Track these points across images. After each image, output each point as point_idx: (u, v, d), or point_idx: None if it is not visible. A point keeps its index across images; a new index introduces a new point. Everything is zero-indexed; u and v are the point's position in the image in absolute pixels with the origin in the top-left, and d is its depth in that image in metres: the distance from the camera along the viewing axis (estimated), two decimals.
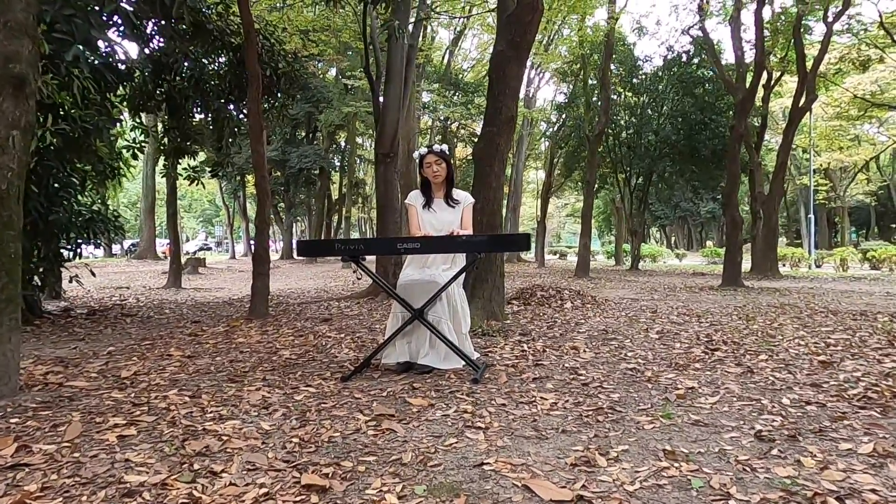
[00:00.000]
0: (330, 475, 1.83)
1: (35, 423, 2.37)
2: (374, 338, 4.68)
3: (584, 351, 3.97)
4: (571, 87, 19.34)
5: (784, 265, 19.54)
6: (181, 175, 10.01)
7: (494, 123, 5.75)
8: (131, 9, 5.36)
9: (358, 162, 31.92)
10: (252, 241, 43.42)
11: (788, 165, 33.26)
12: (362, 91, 19.95)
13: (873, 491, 1.68)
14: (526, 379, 3.14)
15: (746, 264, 15.76)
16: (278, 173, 27.78)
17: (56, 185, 5.82)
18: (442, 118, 24.17)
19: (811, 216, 22.24)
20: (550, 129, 22.74)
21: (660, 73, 17.60)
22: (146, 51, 7.41)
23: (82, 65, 4.18)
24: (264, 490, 1.73)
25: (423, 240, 3.25)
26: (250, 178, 28.72)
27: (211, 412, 2.53)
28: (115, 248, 33.46)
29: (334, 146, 31.41)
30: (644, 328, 5.08)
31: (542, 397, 2.74)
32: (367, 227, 54.11)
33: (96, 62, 4.91)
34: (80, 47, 4.15)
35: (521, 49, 5.76)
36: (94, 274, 7.67)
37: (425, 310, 3.31)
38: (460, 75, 27.50)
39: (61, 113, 5.31)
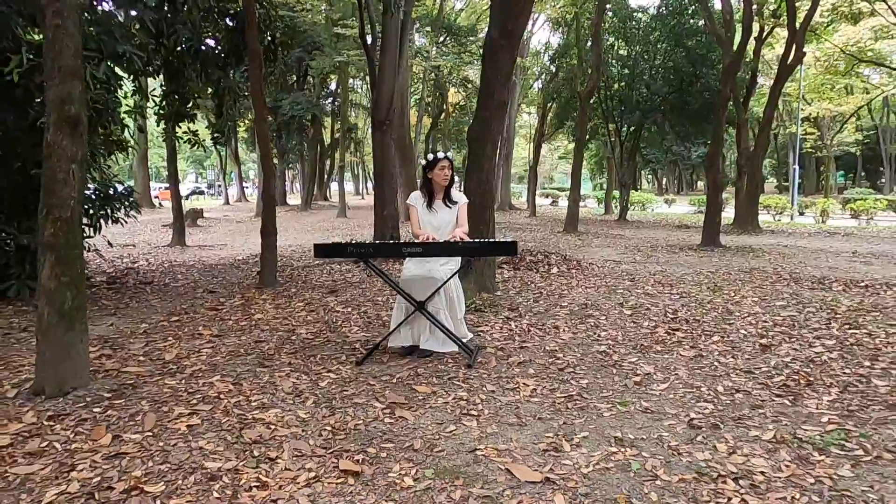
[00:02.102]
0: (360, 461, 2.42)
1: (114, 412, 2.93)
2: (377, 313, 5.25)
3: (564, 330, 4.56)
4: (565, 36, 19.24)
5: (767, 213, 20.18)
6: (181, 139, 10.29)
7: (488, 108, 6.12)
8: None
9: (350, 107, 31.69)
10: (244, 185, 42.89)
11: (780, 112, 33.42)
12: (354, 39, 19.77)
13: (762, 473, 2.28)
14: (512, 363, 3.73)
15: (731, 212, 16.38)
16: (270, 118, 27.67)
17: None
18: (434, 66, 23.92)
19: (795, 167, 22.72)
20: (544, 76, 22.64)
21: (653, 24, 17.57)
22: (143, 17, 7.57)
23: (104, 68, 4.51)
24: (312, 474, 2.32)
25: (424, 245, 3.76)
26: (241, 123, 28.68)
27: (254, 400, 3.10)
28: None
29: (325, 91, 31.10)
30: (619, 302, 5.67)
31: (523, 383, 3.34)
32: (360, 171, 54.12)
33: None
34: (109, 63, 4.47)
35: (513, 37, 6.05)
36: (111, 245, 8.13)
37: (426, 303, 3.85)
38: (454, 18, 27.05)
39: None
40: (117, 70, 5.40)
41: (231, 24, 8.09)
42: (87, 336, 3.32)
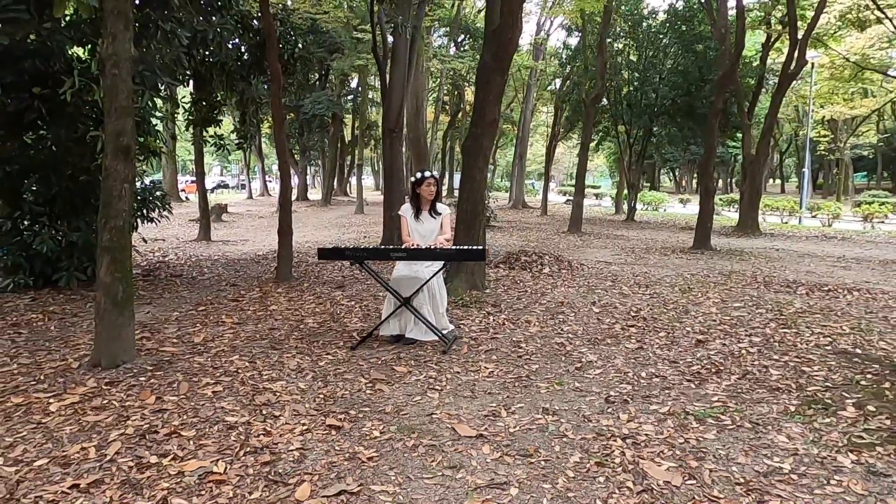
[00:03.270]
0: (342, 419, 3.16)
1: (156, 380, 3.73)
2: (377, 307, 6.00)
3: (534, 325, 5.27)
4: (578, 40, 19.76)
5: (777, 215, 20.52)
6: (208, 142, 11.18)
7: (479, 125, 6.83)
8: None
9: (370, 106, 32.51)
10: (267, 180, 43.99)
11: (798, 114, 33.35)
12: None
13: (646, 435, 2.98)
14: (480, 351, 4.46)
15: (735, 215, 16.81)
16: (292, 115, 28.61)
17: None
18: (449, 69, 24.57)
19: (805, 170, 22.95)
20: (559, 77, 23.15)
21: (663, 30, 18.01)
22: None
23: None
24: (305, 427, 3.07)
25: (409, 250, 4.50)
26: (266, 121, 29.68)
27: (265, 375, 3.87)
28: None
29: (346, 89, 31.95)
30: (593, 301, 6.35)
31: (485, 367, 4.06)
32: (380, 166, 55.03)
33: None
34: (151, 93, 5.29)
35: (503, 61, 6.74)
36: (145, 241, 9.02)
37: (412, 299, 4.59)
38: (471, 19, 27.64)
39: None
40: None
41: (254, 39, 8.88)
42: (133, 321, 4.13)
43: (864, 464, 2.63)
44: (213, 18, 6.67)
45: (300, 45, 9.35)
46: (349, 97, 31.72)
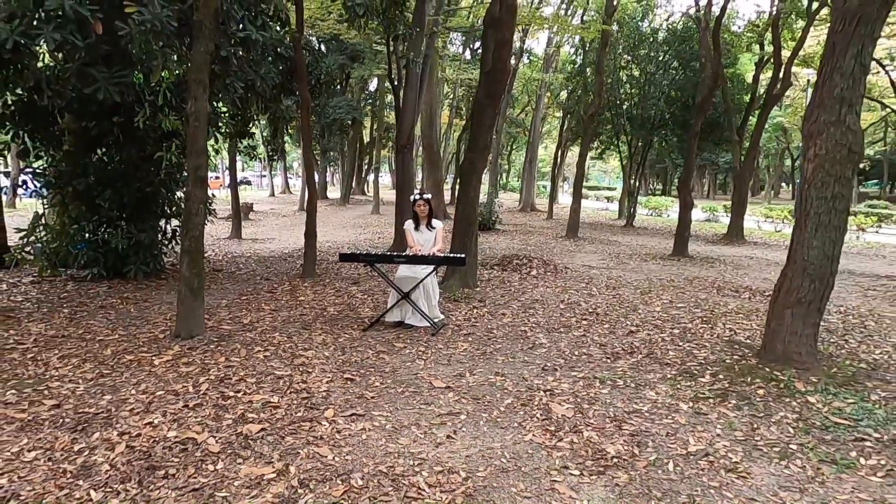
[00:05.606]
0: (354, 375, 4.58)
1: (221, 347, 5.18)
2: (385, 299, 7.40)
3: (507, 317, 6.64)
4: (581, 58, 21.02)
5: (773, 223, 21.62)
6: (241, 152, 12.71)
7: (474, 151, 8.21)
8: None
9: (388, 109, 33.99)
10: (289, 176, 45.45)
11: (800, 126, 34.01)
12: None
13: (561, 390, 4.34)
14: (461, 334, 5.85)
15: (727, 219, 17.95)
16: (314, 117, 30.20)
17: (173, 186, 8.60)
18: (465, 77, 25.90)
19: (798, 181, 23.92)
20: (565, 89, 24.39)
21: (663, 48, 19.18)
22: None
23: None
24: (329, 378, 4.49)
25: (408, 256, 5.92)
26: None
27: (300, 346, 5.30)
28: None
29: (366, 93, 33.45)
30: (563, 299, 7.70)
31: (461, 345, 5.45)
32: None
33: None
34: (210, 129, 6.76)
35: (495, 98, 8.11)
36: None
37: (410, 293, 6.00)
38: None
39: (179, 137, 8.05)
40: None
41: (285, 64, 10.33)
42: (203, 305, 5.59)
43: (695, 409, 3.98)
44: (261, 70, 8.09)
45: (325, 72, 10.78)
46: (368, 101, 33.19)
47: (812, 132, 4.19)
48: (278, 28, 8.71)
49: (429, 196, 6.38)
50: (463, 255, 5.93)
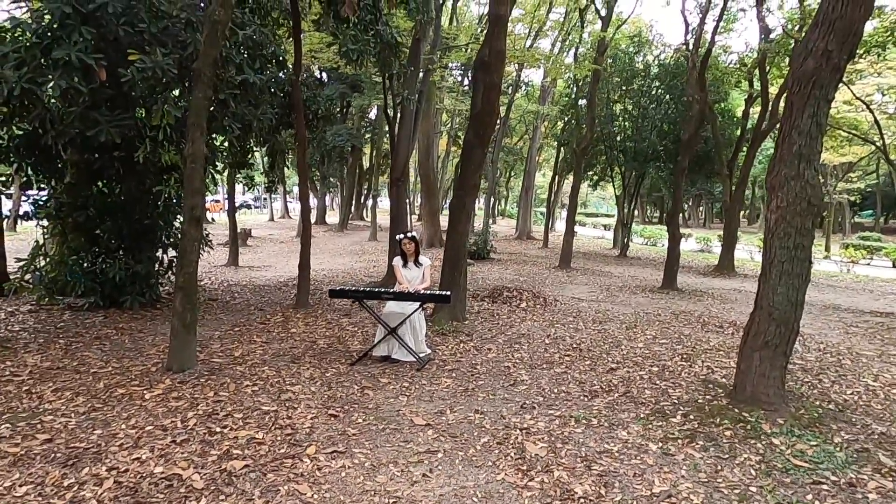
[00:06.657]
0: (338, 411, 4.74)
1: (212, 381, 5.34)
2: (374, 332, 7.57)
3: (493, 352, 6.81)
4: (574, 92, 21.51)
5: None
6: (240, 181, 12.98)
7: (463, 188, 8.47)
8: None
9: (386, 138, 34.54)
10: (288, 201, 45.94)
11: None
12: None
13: (536, 427, 4.49)
14: (445, 370, 6.01)
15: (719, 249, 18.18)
16: (312, 146, 30.67)
17: (171, 218, 8.83)
18: (461, 110, 26.38)
19: None
20: (559, 122, 24.87)
21: (656, 83, 19.67)
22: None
23: None
24: (314, 414, 4.65)
25: (395, 293, 6.11)
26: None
27: (287, 381, 5.46)
28: None
29: (365, 121, 34.01)
30: (548, 334, 7.87)
31: (444, 381, 5.61)
32: None
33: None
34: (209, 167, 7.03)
35: (484, 138, 8.39)
36: None
37: (397, 329, 6.18)
38: None
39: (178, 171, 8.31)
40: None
41: (283, 99, 10.65)
42: (196, 339, 5.77)
43: (663, 449, 4.14)
44: (258, 110, 8.40)
45: (322, 106, 11.11)
46: (368, 128, 33.72)
47: (774, 185, 4.43)
48: (276, 68, 9.03)
49: (414, 234, 6.61)
50: (448, 293, 6.14)
